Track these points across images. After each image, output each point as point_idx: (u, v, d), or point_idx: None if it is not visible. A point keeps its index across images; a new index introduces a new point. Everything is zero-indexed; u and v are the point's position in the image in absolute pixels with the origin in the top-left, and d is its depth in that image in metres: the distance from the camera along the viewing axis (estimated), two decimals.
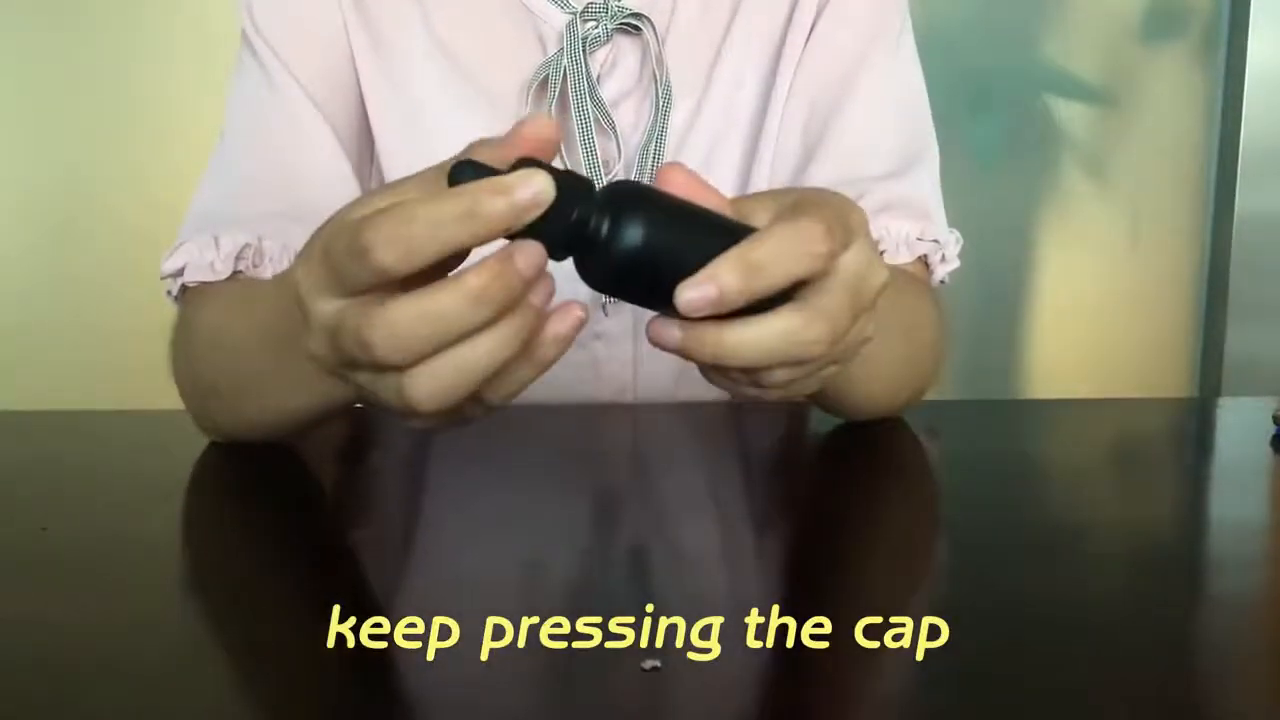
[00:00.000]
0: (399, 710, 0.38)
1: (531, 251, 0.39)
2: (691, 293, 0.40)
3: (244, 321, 0.63)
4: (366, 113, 0.82)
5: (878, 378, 0.46)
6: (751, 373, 0.44)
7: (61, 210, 1.66)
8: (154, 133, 1.63)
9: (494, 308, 0.39)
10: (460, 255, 0.41)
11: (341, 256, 0.41)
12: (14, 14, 1.61)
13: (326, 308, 0.43)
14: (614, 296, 0.42)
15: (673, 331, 0.42)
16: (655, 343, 0.43)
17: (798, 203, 0.44)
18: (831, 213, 0.43)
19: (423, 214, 0.39)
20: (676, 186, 0.43)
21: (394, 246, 0.39)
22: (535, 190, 0.39)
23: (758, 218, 0.45)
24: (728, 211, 0.44)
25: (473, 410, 0.44)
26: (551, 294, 0.41)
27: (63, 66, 1.63)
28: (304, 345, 0.45)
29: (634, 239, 0.40)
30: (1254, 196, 1.78)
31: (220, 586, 0.50)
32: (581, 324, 0.42)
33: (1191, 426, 0.87)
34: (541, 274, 0.40)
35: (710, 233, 0.42)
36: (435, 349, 0.40)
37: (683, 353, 0.42)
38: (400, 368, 0.40)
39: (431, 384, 0.40)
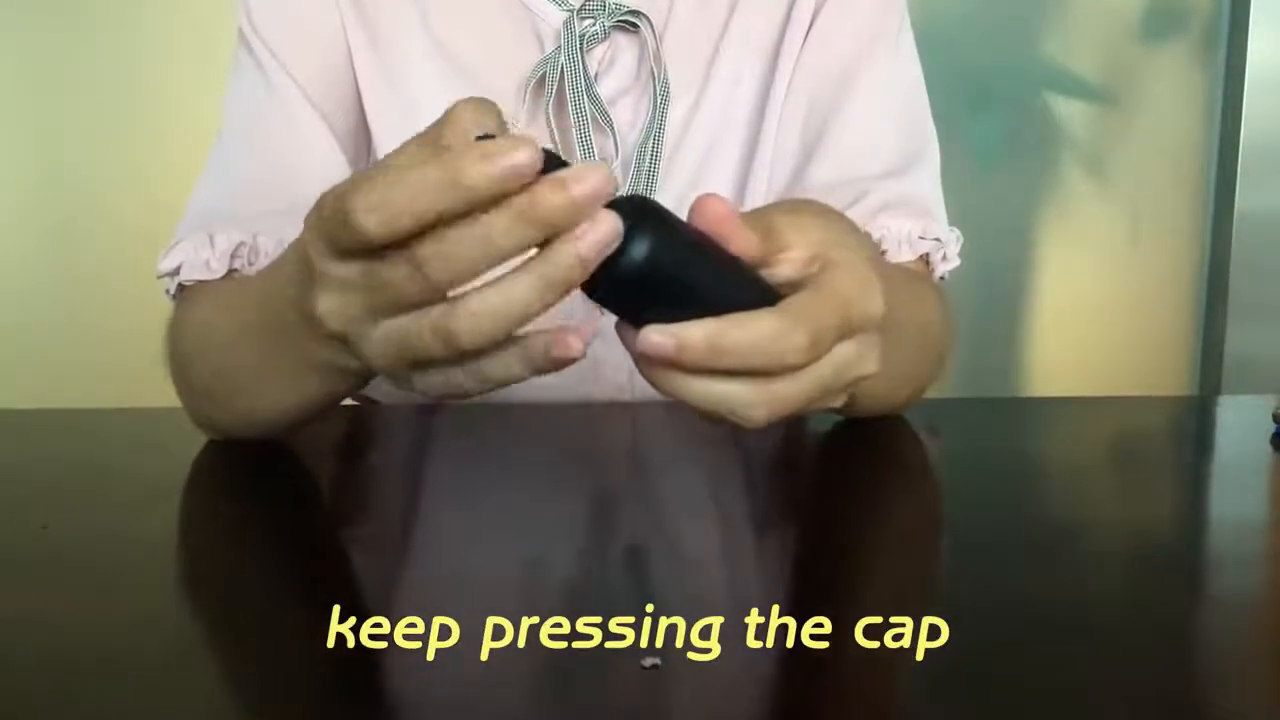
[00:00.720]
0: (399, 710, 0.38)
1: (593, 179, 0.38)
2: (656, 337, 0.40)
3: (233, 318, 0.63)
4: (363, 110, 0.82)
5: (883, 376, 0.46)
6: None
7: (61, 210, 1.66)
8: (154, 133, 1.63)
9: (541, 228, 0.38)
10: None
11: (328, 221, 0.41)
12: (14, 14, 1.61)
13: (338, 266, 0.43)
14: (600, 304, 0.42)
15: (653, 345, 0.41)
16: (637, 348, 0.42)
17: (826, 274, 0.43)
18: (842, 313, 0.42)
19: (407, 179, 0.39)
20: (710, 216, 0.42)
21: (375, 213, 0.39)
22: (517, 161, 0.38)
23: (793, 251, 0.44)
24: (754, 249, 0.43)
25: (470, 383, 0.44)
26: (604, 242, 0.39)
27: (63, 66, 1.62)
28: (308, 309, 0.45)
29: (639, 255, 0.40)
30: (1254, 195, 1.78)
31: (220, 585, 0.50)
32: (578, 355, 0.41)
33: (1191, 425, 0.87)
34: (595, 207, 0.39)
35: (715, 278, 0.41)
36: (485, 268, 0.39)
37: (641, 368, 0.42)
38: (445, 295, 0.40)
39: (476, 314, 0.40)
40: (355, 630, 0.43)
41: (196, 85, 1.53)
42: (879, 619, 0.43)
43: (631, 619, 0.43)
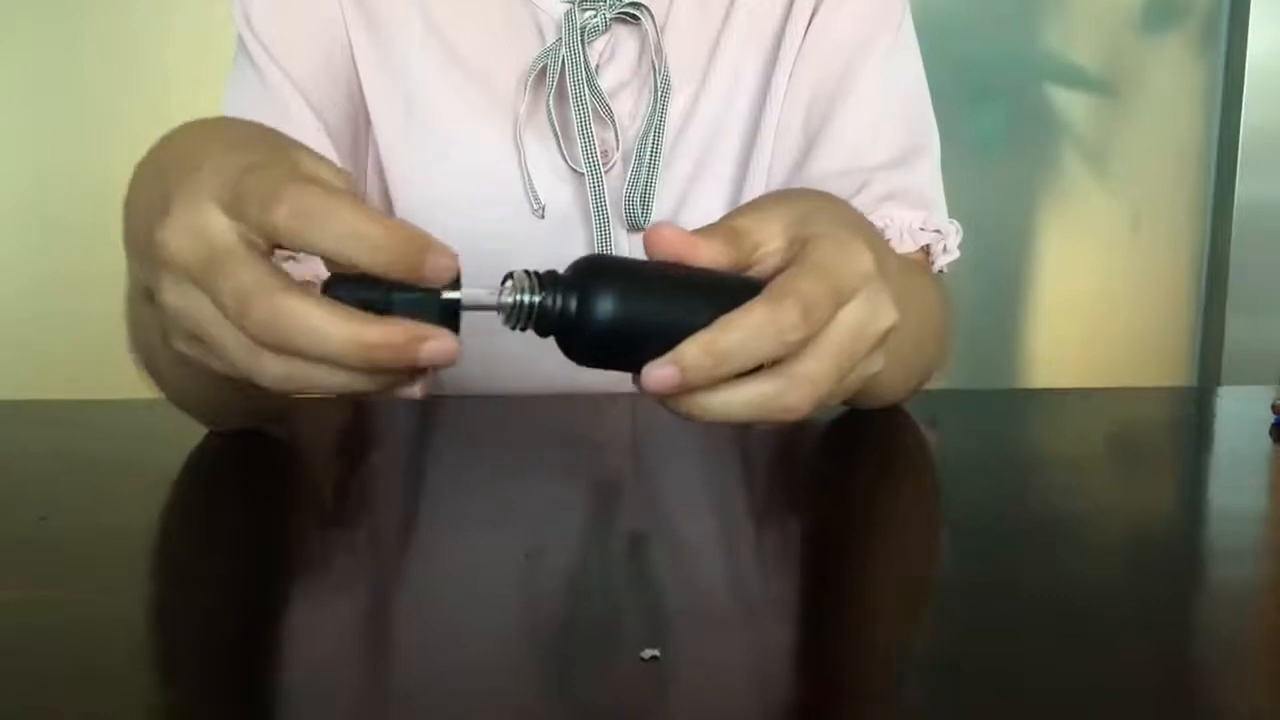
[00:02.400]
0: (398, 701, 0.38)
1: (442, 350, 0.38)
2: (657, 371, 0.40)
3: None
4: (364, 102, 0.82)
5: (889, 367, 0.46)
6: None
7: (60, 207, 1.66)
8: (152, 131, 1.62)
9: (368, 366, 0.38)
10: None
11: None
12: (13, 14, 1.61)
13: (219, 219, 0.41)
14: (604, 369, 0.42)
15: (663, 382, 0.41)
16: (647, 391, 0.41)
17: (804, 250, 0.42)
18: (828, 279, 0.41)
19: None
20: (664, 245, 0.42)
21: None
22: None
23: (766, 245, 0.44)
24: (724, 258, 0.43)
25: None
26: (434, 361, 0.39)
27: (61, 66, 1.62)
28: (156, 237, 0.41)
29: (603, 316, 0.40)
30: (1254, 187, 1.78)
31: (218, 576, 0.50)
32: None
33: (1191, 416, 0.87)
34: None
35: (691, 300, 0.41)
36: (295, 354, 0.39)
37: (670, 408, 0.42)
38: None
39: (278, 374, 0.39)
40: (354, 621, 0.43)
41: (195, 84, 1.52)
42: (879, 612, 0.44)
43: (631, 610, 0.43)
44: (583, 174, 0.79)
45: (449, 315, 0.39)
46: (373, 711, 0.37)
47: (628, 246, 0.81)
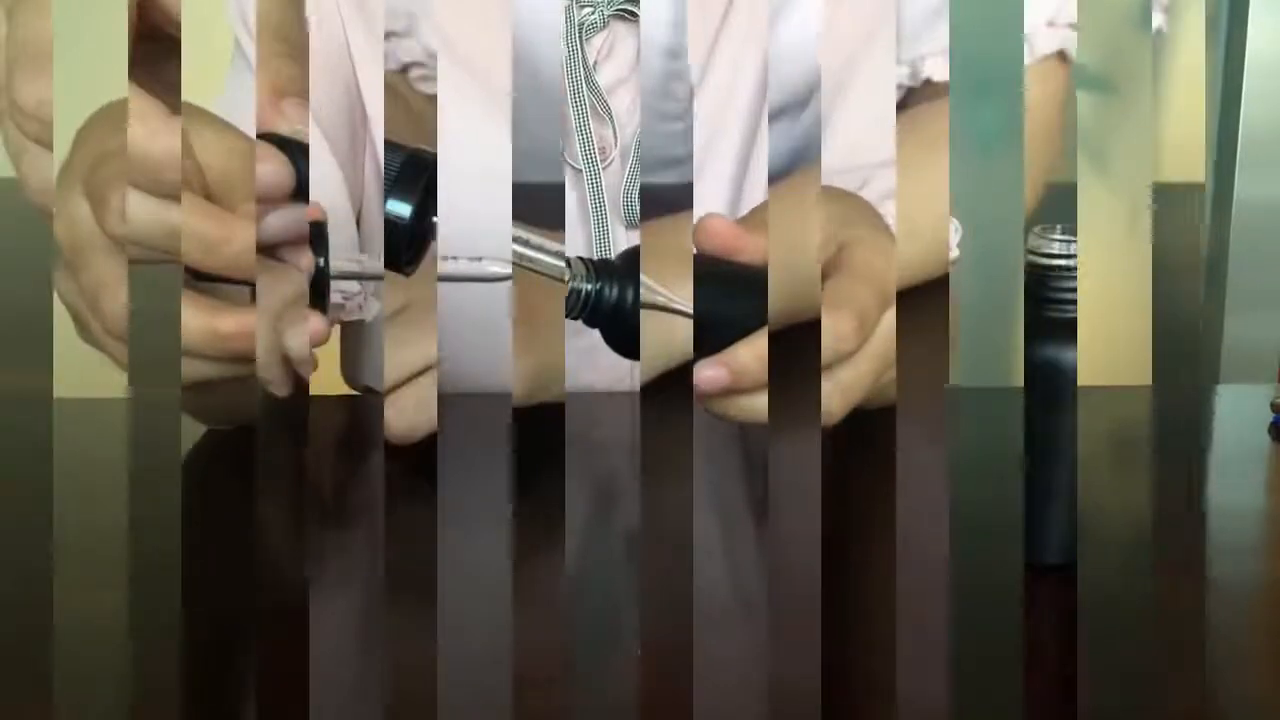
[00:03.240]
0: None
1: (309, 332, 0.38)
2: (708, 371, 0.39)
3: None
4: (361, 99, 0.81)
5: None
6: None
7: None
8: None
9: (230, 356, 0.38)
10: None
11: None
12: None
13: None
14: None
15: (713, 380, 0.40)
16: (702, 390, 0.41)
17: (847, 255, 0.42)
18: (876, 288, 0.41)
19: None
20: (718, 237, 0.42)
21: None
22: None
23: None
24: (765, 253, 0.42)
25: None
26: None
27: (62, 66, 1.62)
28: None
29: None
30: (1252, 184, 1.78)
31: (218, 575, 0.50)
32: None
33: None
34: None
35: (739, 297, 0.41)
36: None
37: (705, 406, 0.42)
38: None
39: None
40: (352, 620, 0.43)
41: (194, 85, 1.52)
42: (878, 611, 0.43)
43: (630, 608, 0.43)
44: (580, 171, 0.79)
45: (317, 293, 0.38)
46: (372, 711, 0.37)
47: (625, 244, 0.81)
